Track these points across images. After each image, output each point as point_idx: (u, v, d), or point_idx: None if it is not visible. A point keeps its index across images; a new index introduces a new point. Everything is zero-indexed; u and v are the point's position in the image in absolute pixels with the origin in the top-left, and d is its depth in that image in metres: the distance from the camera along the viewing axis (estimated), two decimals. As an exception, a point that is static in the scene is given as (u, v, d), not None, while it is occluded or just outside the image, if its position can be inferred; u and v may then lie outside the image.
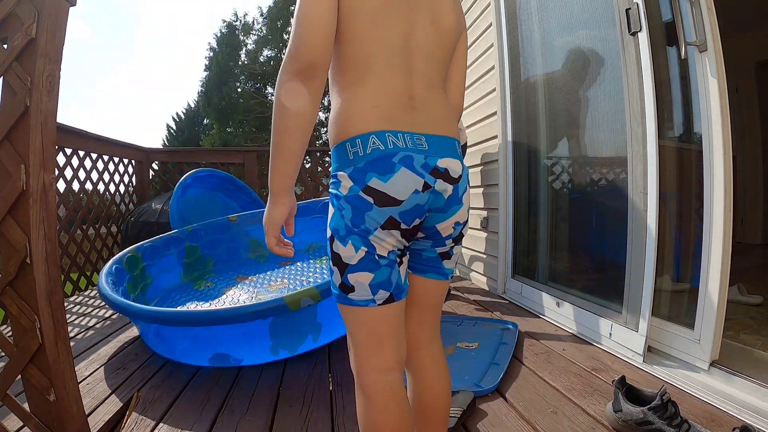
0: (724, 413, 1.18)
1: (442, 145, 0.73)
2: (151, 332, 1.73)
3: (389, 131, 0.70)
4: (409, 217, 0.71)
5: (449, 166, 0.73)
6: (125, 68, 45.31)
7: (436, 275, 0.81)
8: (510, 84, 2.54)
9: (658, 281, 1.56)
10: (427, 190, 0.71)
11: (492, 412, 1.23)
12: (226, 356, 1.62)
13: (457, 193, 0.75)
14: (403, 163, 0.69)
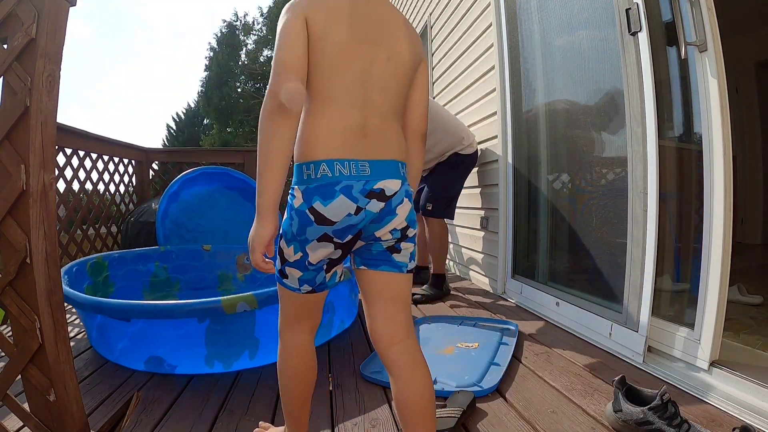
0: (724, 413, 1.18)
1: (385, 168, 0.86)
2: (94, 329, 1.70)
3: (338, 160, 0.83)
4: (342, 235, 0.85)
5: (386, 186, 0.85)
6: (125, 68, 45.28)
7: (389, 267, 0.90)
8: (510, 84, 2.54)
9: (658, 281, 1.56)
10: (359, 212, 0.84)
11: (492, 412, 1.23)
12: (161, 360, 1.55)
13: (391, 206, 0.86)
14: (343, 191, 0.82)
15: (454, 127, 2.64)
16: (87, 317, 1.72)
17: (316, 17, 0.82)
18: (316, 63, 0.83)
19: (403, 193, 0.88)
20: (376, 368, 1.53)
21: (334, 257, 0.88)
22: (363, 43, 0.85)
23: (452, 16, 3.49)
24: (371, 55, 0.86)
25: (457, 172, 2.64)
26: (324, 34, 0.83)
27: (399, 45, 0.89)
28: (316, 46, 0.83)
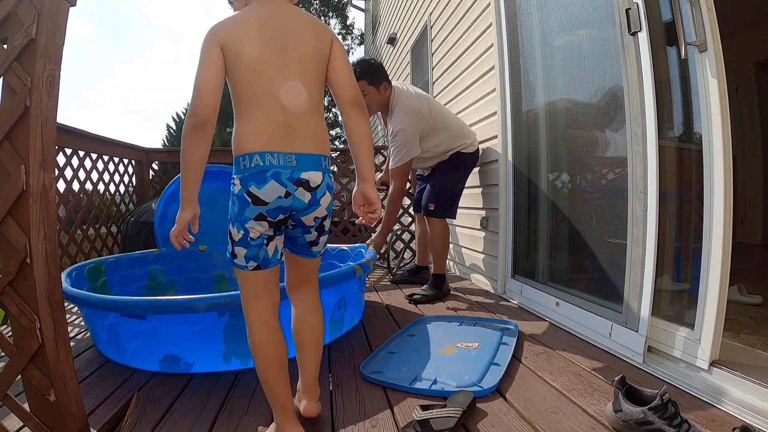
0: (724, 413, 1.18)
1: (309, 161, 1.01)
2: (104, 332, 1.67)
3: (268, 152, 0.98)
4: (274, 214, 1.02)
5: (310, 177, 1.02)
6: (125, 68, 45.29)
7: (307, 255, 1.15)
8: (510, 84, 2.54)
9: (658, 281, 1.56)
10: (288, 196, 1.00)
11: (492, 412, 1.23)
12: (177, 359, 1.53)
13: (315, 197, 1.04)
14: (273, 177, 0.98)
15: (455, 125, 2.64)
16: (96, 319, 1.70)
17: (229, 41, 0.99)
18: (237, 77, 1.00)
19: (325, 186, 1.05)
20: (376, 368, 1.53)
21: (269, 234, 1.04)
22: (273, 53, 1.01)
23: (452, 16, 3.49)
24: (281, 61, 1.01)
25: (459, 171, 2.64)
26: (238, 53, 0.99)
27: (306, 45, 1.04)
28: (234, 64, 0.99)
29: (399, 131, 2.41)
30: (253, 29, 1.01)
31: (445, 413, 1.13)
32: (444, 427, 1.10)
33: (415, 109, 2.45)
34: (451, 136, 2.58)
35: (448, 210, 2.62)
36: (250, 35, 1.00)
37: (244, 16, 1.03)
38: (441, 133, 2.54)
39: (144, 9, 46.27)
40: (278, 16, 1.04)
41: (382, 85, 2.46)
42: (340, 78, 1.09)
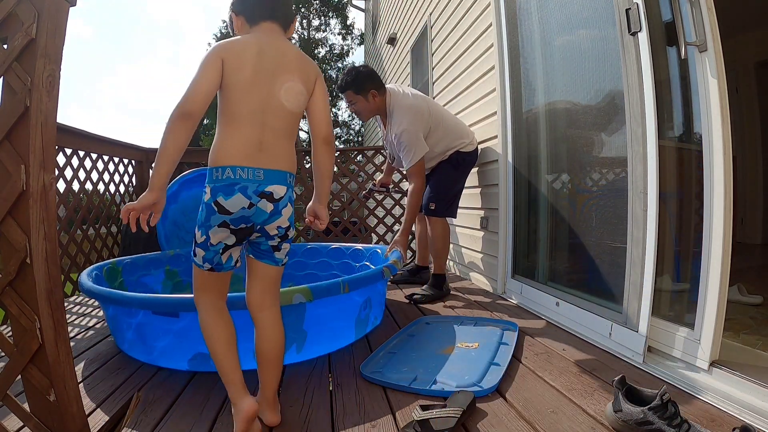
0: (724, 413, 1.18)
1: (275, 176, 1.12)
2: (131, 331, 1.68)
3: (240, 166, 1.08)
4: (236, 222, 1.10)
5: (274, 190, 1.11)
6: (125, 68, 45.32)
7: (269, 261, 1.20)
8: (510, 84, 2.54)
9: (658, 281, 1.56)
10: (251, 207, 1.09)
11: (492, 412, 1.23)
12: (208, 357, 1.50)
13: (278, 208, 1.13)
14: (240, 190, 1.08)
15: (454, 125, 2.64)
16: (124, 318, 1.69)
17: (229, 58, 1.10)
18: (228, 93, 1.11)
19: (287, 199, 1.15)
20: (377, 368, 1.53)
21: (229, 243, 1.13)
22: (264, 78, 1.12)
23: (452, 16, 3.49)
24: (270, 87, 1.13)
25: (459, 171, 2.64)
26: (234, 72, 1.10)
27: (293, 78, 1.16)
28: (228, 80, 1.10)
29: (403, 132, 2.41)
30: (252, 54, 1.13)
31: (445, 413, 1.13)
32: (444, 427, 1.10)
33: (413, 107, 2.46)
34: (450, 136, 2.58)
35: (449, 209, 2.62)
36: (248, 58, 1.12)
37: (246, 41, 1.16)
38: (439, 132, 2.55)
39: (144, 9, 46.30)
40: (275, 48, 1.17)
41: (370, 93, 2.46)
42: (318, 115, 1.24)
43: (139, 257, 2.52)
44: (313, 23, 19.30)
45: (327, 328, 1.74)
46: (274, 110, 1.13)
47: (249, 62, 1.12)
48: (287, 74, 1.16)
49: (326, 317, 1.71)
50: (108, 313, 1.82)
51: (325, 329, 1.73)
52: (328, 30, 19.57)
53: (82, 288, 1.78)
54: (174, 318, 1.54)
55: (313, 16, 19.24)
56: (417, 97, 2.54)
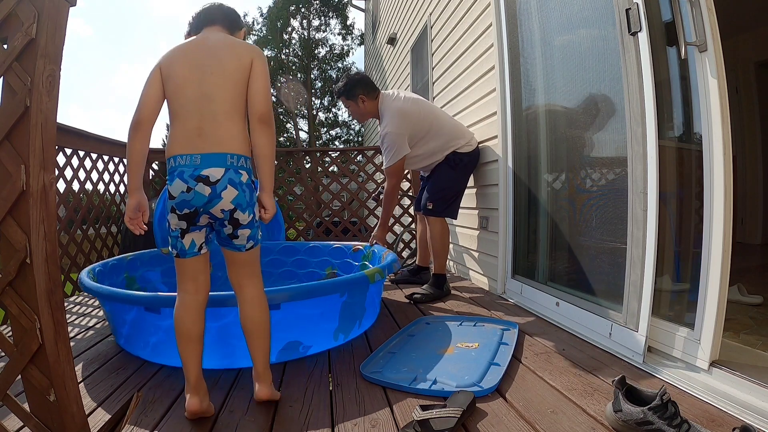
0: (724, 413, 1.18)
1: (212, 159, 1.18)
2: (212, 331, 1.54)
3: (180, 155, 1.19)
4: (180, 207, 1.19)
5: (210, 173, 1.17)
6: (126, 68, 45.34)
7: (231, 248, 1.27)
8: (510, 84, 2.54)
9: (658, 281, 1.56)
10: (190, 191, 1.17)
11: (492, 412, 1.23)
12: (297, 344, 1.66)
13: (216, 191, 1.17)
14: (178, 175, 1.18)
15: (451, 127, 2.65)
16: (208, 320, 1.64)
17: (164, 64, 1.25)
18: (168, 94, 1.24)
19: (227, 181, 1.18)
20: (376, 368, 1.53)
21: (182, 227, 1.21)
22: (195, 72, 1.22)
23: (452, 16, 3.49)
24: (200, 77, 1.21)
25: (457, 171, 2.64)
26: (169, 74, 1.23)
27: (223, 63, 1.23)
28: (166, 83, 1.24)
29: (386, 134, 2.51)
30: (182, 54, 1.26)
31: (445, 413, 1.13)
32: (444, 427, 1.10)
33: (400, 111, 2.51)
34: (446, 136, 2.59)
35: (448, 209, 2.62)
36: (179, 59, 1.25)
37: (180, 45, 1.30)
38: (433, 133, 2.57)
39: (144, 9, 46.28)
40: (205, 42, 1.28)
41: (359, 99, 2.59)
42: (253, 94, 1.26)
43: (143, 253, 2.54)
44: (313, 23, 19.29)
45: (372, 305, 2.03)
46: (208, 97, 1.20)
47: (180, 62, 1.24)
48: (214, 59, 1.24)
49: (374, 294, 2.02)
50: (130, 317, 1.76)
51: (371, 305, 2.01)
52: (328, 30, 19.57)
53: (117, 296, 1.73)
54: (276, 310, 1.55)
55: (313, 16, 19.23)
56: (408, 101, 2.57)
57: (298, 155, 4.41)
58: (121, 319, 1.76)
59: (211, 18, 1.36)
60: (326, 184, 4.30)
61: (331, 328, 1.77)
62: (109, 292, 1.67)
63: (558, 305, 2.08)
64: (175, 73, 1.23)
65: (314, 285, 1.73)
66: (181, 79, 1.22)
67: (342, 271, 2.77)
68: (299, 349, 1.68)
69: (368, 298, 1.96)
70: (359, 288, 1.86)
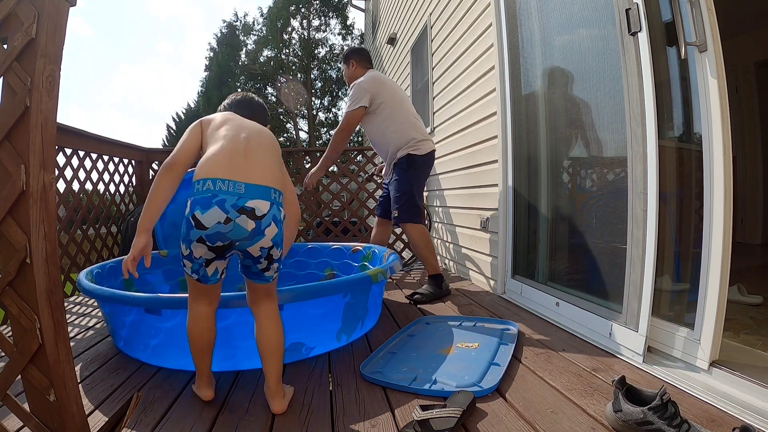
0: (724, 413, 1.18)
1: (258, 191, 1.12)
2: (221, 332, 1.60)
3: (219, 179, 1.10)
4: (212, 239, 1.11)
5: (257, 205, 1.11)
6: (126, 68, 45.32)
7: (260, 281, 1.25)
8: (510, 84, 2.54)
9: (658, 281, 1.56)
10: (228, 222, 1.09)
11: (492, 412, 1.23)
12: (300, 345, 1.65)
13: (260, 227, 1.12)
14: (218, 203, 1.09)
15: (411, 119, 2.68)
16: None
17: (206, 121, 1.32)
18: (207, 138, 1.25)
19: (271, 217, 1.14)
20: (377, 368, 1.53)
21: (209, 257, 1.16)
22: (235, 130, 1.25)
23: (452, 16, 3.49)
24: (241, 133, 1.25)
25: (410, 173, 2.63)
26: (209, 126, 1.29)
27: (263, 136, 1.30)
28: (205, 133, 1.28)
29: (354, 84, 2.68)
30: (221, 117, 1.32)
31: (445, 413, 1.13)
32: (444, 427, 1.10)
33: (374, 74, 2.73)
34: (405, 124, 2.65)
35: (413, 214, 2.59)
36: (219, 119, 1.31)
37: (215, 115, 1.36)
38: (396, 113, 2.64)
39: (144, 9, 46.29)
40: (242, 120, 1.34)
41: (351, 62, 2.84)
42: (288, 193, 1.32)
43: None
44: (313, 23, 19.29)
45: (375, 305, 2.04)
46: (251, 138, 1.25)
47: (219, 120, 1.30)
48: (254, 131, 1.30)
49: (376, 295, 2.03)
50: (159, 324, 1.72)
51: (374, 305, 2.02)
52: (328, 30, 19.57)
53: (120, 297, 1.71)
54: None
55: (313, 16, 19.23)
56: (385, 79, 2.74)
57: (298, 155, 4.41)
58: (120, 322, 1.75)
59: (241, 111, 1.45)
60: (326, 184, 4.30)
61: (334, 329, 1.76)
62: (109, 294, 1.64)
63: (558, 305, 2.08)
64: (216, 126, 1.27)
65: (317, 285, 1.71)
66: (221, 129, 1.25)
67: (341, 272, 2.77)
68: (302, 350, 1.67)
69: (371, 298, 1.95)
70: (362, 288, 1.84)
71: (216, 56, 18.29)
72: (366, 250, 2.66)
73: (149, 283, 2.50)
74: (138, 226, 1.20)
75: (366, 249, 2.67)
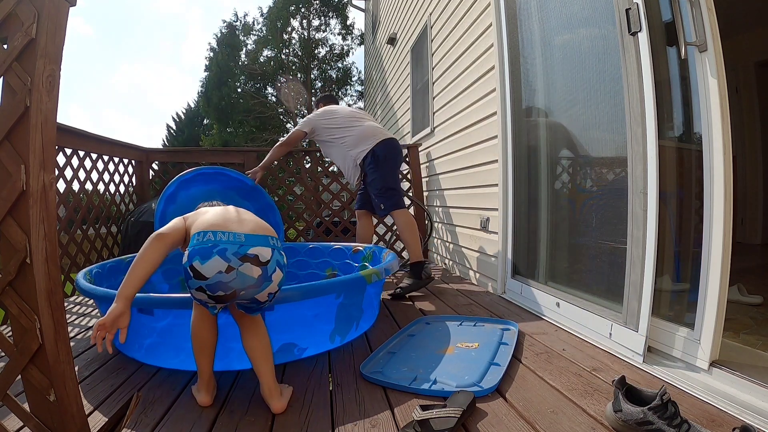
0: (724, 413, 1.18)
1: (258, 239, 1.14)
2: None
3: (220, 231, 1.12)
4: (213, 289, 1.10)
5: (260, 252, 1.12)
6: (126, 67, 45.31)
7: (254, 314, 1.27)
8: (510, 84, 2.54)
9: (658, 281, 1.56)
10: (230, 271, 1.08)
11: (492, 412, 1.23)
12: (292, 346, 1.64)
13: (267, 273, 1.13)
14: (219, 252, 1.08)
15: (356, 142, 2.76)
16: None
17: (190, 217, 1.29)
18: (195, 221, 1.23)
19: (275, 263, 1.16)
20: (377, 368, 1.53)
21: (210, 304, 1.16)
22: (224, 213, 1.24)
23: (452, 16, 3.49)
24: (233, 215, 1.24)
25: (378, 170, 2.70)
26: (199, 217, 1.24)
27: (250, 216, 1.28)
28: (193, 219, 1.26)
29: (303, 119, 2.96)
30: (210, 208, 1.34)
31: (445, 413, 1.13)
32: (444, 427, 1.10)
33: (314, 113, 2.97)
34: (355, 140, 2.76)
35: (395, 202, 2.70)
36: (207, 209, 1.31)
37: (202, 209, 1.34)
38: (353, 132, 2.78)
39: (144, 9, 46.29)
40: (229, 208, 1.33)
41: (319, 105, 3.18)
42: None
43: (132, 256, 2.52)
44: (313, 23, 19.28)
45: (371, 306, 2.00)
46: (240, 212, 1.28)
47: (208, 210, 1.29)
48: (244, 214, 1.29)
49: (372, 296, 1.98)
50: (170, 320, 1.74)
51: (369, 307, 1.98)
52: (328, 30, 19.55)
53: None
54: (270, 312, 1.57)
55: (313, 16, 19.22)
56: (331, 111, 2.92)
57: (298, 155, 4.41)
58: None
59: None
60: (326, 184, 4.30)
61: (327, 330, 1.73)
62: (101, 293, 1.62)
63: (558, 305, 2.08)
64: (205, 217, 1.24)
65: (309, 286, 1.67)
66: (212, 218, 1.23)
67: (342, 272, 2.77)
68: (294, 351, 1.66)
69: (366, 299, 1.91)
70: (356, 289, 1.81)
71: (216, 56, 18.27)
72: (366, 251, 2.64)
73: (149, 283, 2.48)
74: (118, 292, 1.12)
75: (366, 249, 2.65)
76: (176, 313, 1.54)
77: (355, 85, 18.92)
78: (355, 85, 18.92)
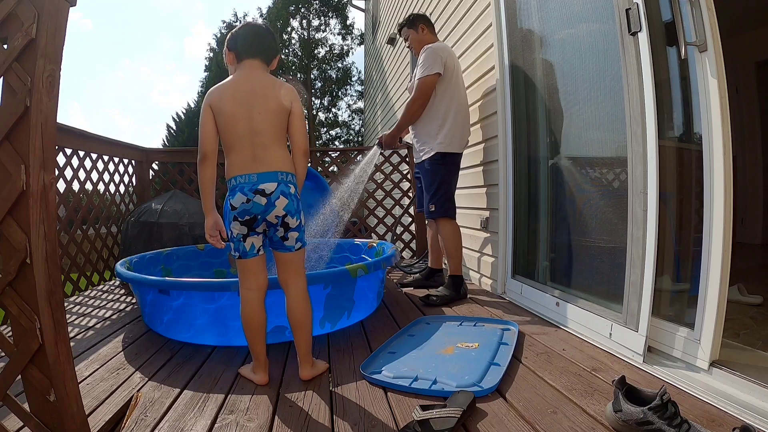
0: (724, 413, 1.18)
1: (266, 177, 1.41)
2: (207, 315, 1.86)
3: (240, 176, 1.42)
4: (241, 215, 1.41)
5: (266, 187, 1.40)
6: (126, 66, 45.32)
7: (283, 249, 1.49)
8: (510, 84, 2.54)
9: (658, 281, 1.56)
10: (249, 202, 1.40)
11: (492, 412, 1.23)
12: (284, 329, 1.80)
13: (270, 200, 1.41)
14: (239, 190, 1.41)
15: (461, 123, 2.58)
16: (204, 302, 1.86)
17: (214, 102, 1.44)
18: (221, 128, 1.44)
19: (279, 192, 1.41)
20: (376, 368, 1.53)
21: (243, 232, 1.43)
22: (243, 109, 1.42)
23: (452, 16, 3.49)
24: (249, 114, 1.42)
25: (444, 165, 2.56)
26: (220, 111, 1.43)
27: (268, 102, 1.45)
28: (218, 117, 1.44)
29: (428, 48, 2.54)
30: (229, 93, 1.45)
31: (445, 413, 1.13)
32: (444, 427, 1.10)
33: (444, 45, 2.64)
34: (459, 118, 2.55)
35: (447, 209, 2.56)
36: (227, 97, 1.44)
37: (225, 83, 1.48)
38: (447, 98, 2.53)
39: (144, 9, 46.29)
40: (250, 82, 1.46)
41: (419, 27, 2.74)
42: (294, 132, 1.51)
43: (141, 256, 2.57)
44: (313, 23, 19.28)
45: (364, 298, 2.15)
46: (257, 131, 1.43)
47: (228, 100, 1.43)
48: (260, 98, 1.44)
49: (365, 289, 2.13)
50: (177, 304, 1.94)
51: (362, 298, 2.13)
52: (328, 30, 19.55)
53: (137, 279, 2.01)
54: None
55: (313, 16, 19.21)
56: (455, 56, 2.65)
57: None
58: (143, 300, 2.08)
59: (256, 52, 1.51)
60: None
61: (317, 317, 1.87)
62: (130, 277, 2.00)
63: (558, 305, 2.08)
64: (225, 109, 1.42)
65: None
66: (231, 116, 1.42)
67: None
68: (285, 333, 1.82)
69: (357, 291, 2.07)
70: (342, 281, 1.98)
71: (216, 56, 18.26)
72: (378, 246, 2.79)
73: (191, 270, 2.84)
74: (204, 209, 1.47)
75: (378, 245, 2.80)
76: (187, 294, 1.88)
77: (355, 85, 18.93)
78: (355, 85, 18.93)
